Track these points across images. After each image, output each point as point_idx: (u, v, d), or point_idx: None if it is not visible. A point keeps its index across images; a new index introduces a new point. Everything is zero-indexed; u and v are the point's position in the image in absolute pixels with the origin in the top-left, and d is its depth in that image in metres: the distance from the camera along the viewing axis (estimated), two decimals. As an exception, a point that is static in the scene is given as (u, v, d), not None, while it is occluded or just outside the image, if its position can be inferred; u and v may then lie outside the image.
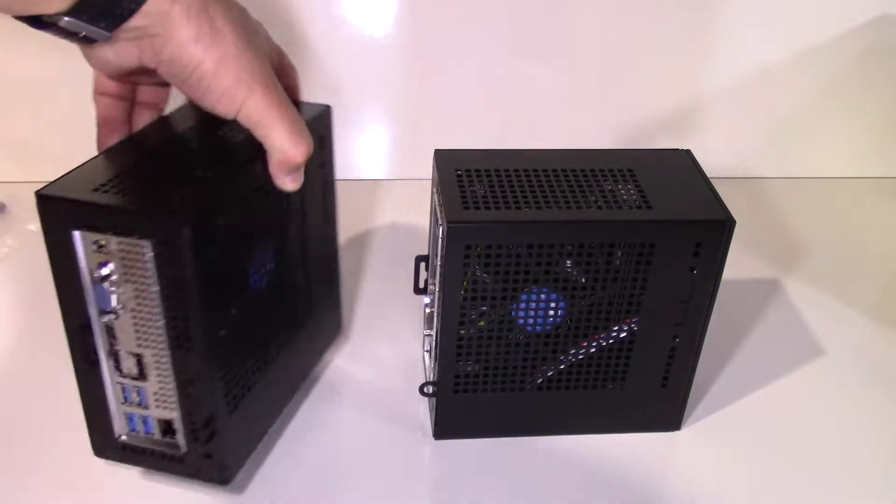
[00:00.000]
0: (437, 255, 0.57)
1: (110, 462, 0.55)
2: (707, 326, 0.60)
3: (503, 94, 0.91)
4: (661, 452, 0.63)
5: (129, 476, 0.58)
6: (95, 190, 0.47)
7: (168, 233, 0.45)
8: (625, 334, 0.59)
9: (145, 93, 0.54)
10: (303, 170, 0.52)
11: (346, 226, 0.87)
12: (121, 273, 0.47)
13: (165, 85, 0.55)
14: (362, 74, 0.89)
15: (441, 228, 0.55)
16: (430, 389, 0.61)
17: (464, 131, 0.92)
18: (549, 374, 0.61)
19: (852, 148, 0.98)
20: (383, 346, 0.72)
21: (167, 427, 0.52)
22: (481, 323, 0.58)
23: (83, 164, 0.50)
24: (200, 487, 0.57)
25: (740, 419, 0.66)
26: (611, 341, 0.59)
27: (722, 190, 0.58)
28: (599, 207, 0.56)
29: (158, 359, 0.50)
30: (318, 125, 0.58)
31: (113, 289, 0.48)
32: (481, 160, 0.60)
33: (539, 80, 0.91)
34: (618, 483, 0.61)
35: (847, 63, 0.92)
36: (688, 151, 0.63)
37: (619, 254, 0.56)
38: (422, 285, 0.66)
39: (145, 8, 0.44)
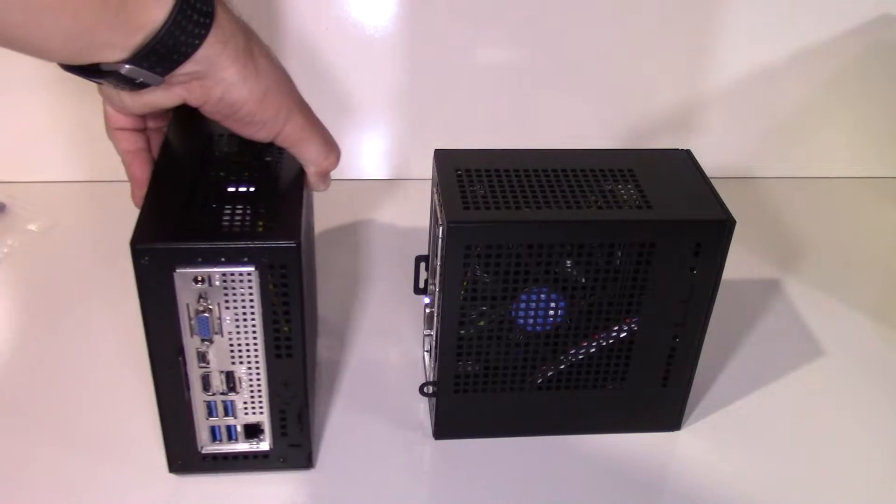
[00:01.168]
0: (437, 255, 0.57)
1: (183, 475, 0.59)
2: (707, 326, 0.60)
3: (503, 93, 0.91)
4: (661, 452, 0.63)
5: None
6: (186, 230, 0.50)
7: (281, 258, 0.50)
8: (625, 334, 0.59)
9: (153, 119, 0.57)
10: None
11: (346, 226, 0.88)
12: (220, 301, 0.51)
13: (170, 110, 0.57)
14: (362, 74, 0.89)
15: (441, 228, 0.55)
16: (430, 389, 0.61)
17: (464, 131, 0.92)
18: (550, 374, 0.61)
19: (852, 148, 0.98)
20: (383, 345, 0.72)
21: (252, 430, 0.57)
22: (481, 323, 0.58)
23: (146, 204, 0.53)
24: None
25: (740, 419, 0.66)
26: (611, 341, 0.59)
27: (722, 190, 0.58)
28: (599, 207, 0.56)
29: (251, 371, 0.54)
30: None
31: (207, 316, 0.51)
32: (481, 160, 0.60)
33: (539, 80, 0.91)
34: (618, 483, 0.61)
35: (847, 63, 0.92)
36: (688, 151, 0.63)
37: (619, 254, 0.56)
38: (422, 285, 0.66)
39: (198, 54, 0.46)
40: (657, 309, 0.58)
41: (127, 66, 0.45)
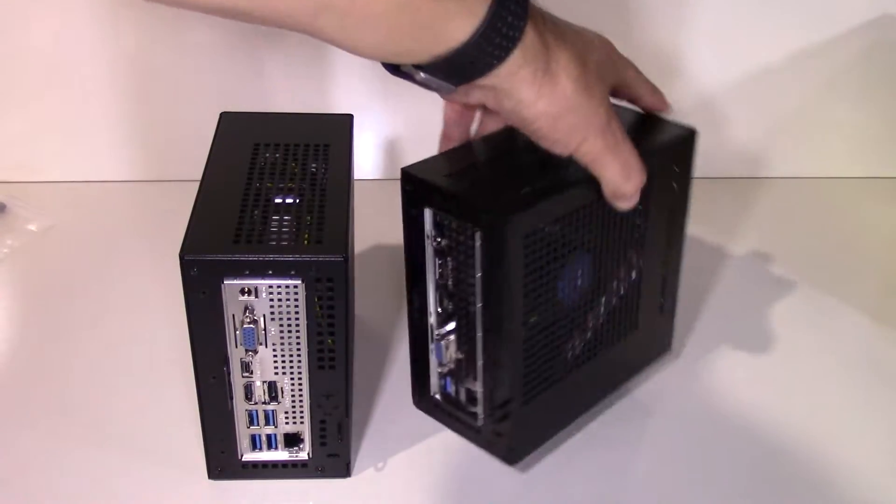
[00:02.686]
0: (473, 268, 0.52)
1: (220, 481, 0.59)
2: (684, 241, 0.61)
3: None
4: (661, 452, 0.63)
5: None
6: (234, 242, 0.51)
7: (328, 271, 0.51)
8: (634, 276, 0.60)
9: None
10: (637, 194, 0.54)
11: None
12: (266, 313, 0.52)
13: None
14: (362, 74, 0.89)
15: (478, 235, 0.51)
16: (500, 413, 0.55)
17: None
18: (582, 344, 0.58)
19: (852, 148, 0.98)
20: (383, 346, 0.72)
21: (292, 439, 0.58)
22: (533, 318, 0.54)
23: (194, 215, 0.53)
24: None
25: (740, 420, 0.66)
26: (626, 288, 0.60)
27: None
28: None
29: (294, 382, 0.55)
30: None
31: (252, 328, 0.52)
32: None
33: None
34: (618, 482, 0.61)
35: (847, 63, 0.92)
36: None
37: None
38: None
39: (492, 73, 0.46)
40: (654, 237, 0.59)
41: (422, 73, 0.46)
